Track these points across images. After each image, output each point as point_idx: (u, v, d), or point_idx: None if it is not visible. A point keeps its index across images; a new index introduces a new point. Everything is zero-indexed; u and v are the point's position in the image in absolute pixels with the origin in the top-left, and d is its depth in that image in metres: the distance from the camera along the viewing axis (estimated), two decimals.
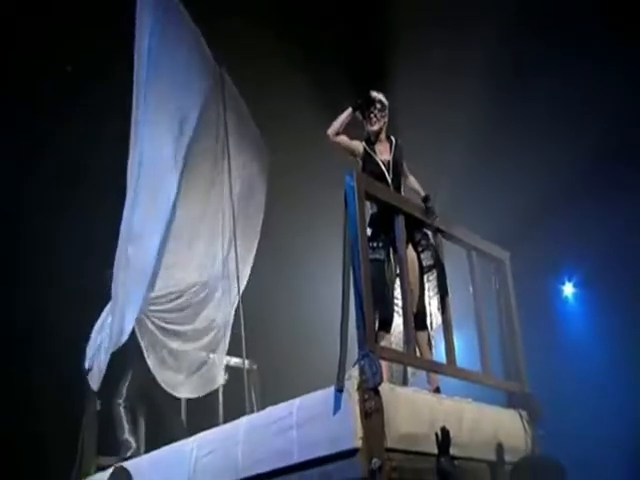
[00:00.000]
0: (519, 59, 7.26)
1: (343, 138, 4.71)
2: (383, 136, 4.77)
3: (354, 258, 3.71)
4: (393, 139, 4.78)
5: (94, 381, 5.35)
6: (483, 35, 7.11)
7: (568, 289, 8.52)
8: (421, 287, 4.50)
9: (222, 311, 5.95)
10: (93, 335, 5.56)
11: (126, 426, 5.38)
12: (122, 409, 5.40)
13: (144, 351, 5.21)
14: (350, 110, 4.69)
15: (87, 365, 5.46)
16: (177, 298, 5.58)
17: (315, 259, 7.21)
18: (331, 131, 4.67)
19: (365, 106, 4.73)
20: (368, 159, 4.68)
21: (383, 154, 4.70)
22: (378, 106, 4.72)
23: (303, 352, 7.37)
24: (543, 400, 4.59)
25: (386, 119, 4.77)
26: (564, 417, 6.16)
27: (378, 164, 4.64)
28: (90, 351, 5.50)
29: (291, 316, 7.63)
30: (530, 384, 4.65)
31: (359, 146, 4.73)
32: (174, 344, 5.46)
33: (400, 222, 4.15)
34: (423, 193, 4.61)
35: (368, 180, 4.18)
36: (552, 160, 7.27)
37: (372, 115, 4.71)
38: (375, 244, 4.41)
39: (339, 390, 3.45)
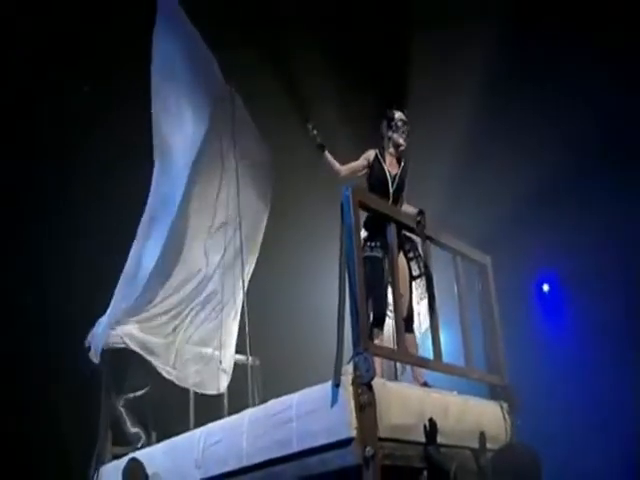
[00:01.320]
0: (504, 68, 7.20)
1: (348, 167, 4.75)
2: (400, 153, 4.83)
3: (349, 264, 3.79)
4: (403, 159, 4.84)
5: (93, 356, 5.42)
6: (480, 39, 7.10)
7: (546, 288, 8.63)
8: (410, 293, 4.57)
9: (224, 309, 5.98)
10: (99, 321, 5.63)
11: (128, 421, 5.44)
12: (121, 407, 5.46)
13: (147, 358, 5.29)
14: (324, 154, 4.68)
15: (87, 343, 5.51)
16: (174, 298, 5.60)
17: (315, 262, 7.24)
18: (336, 175, 4.70)
19: (392, 120, 4.78)
20: (377, 165, 4.75)
21: (392, 167, 4.78)
22: (405, 128, 4.78)
23: (302, 349, 7.42)
24: (521, 392, 4.67)
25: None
26: (541, 408, 6.22)
27: (384, 171, 4.72)
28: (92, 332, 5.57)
29: (291, 315, 7.68)
30: (510, 377, 4.72)
31: (369, 155, 4.78)
32: (176, 345, 5.52)
33: (392, 230, 4.22)
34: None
35: (362, 191, 4.28)
36: (533, 162, 7.25)
37: (403, 133, 4.77)
38: (373, 244, 4.46)
39: (336, 385, 3.53)
